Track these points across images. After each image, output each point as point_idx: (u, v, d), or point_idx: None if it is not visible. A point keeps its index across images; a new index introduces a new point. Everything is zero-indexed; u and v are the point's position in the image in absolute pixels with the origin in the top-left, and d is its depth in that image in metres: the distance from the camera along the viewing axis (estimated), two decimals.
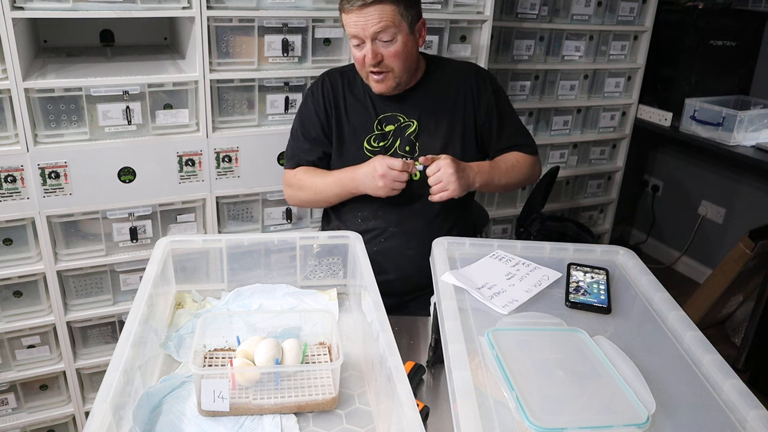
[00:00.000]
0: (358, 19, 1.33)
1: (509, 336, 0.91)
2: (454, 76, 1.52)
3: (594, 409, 0.79)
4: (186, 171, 1.77)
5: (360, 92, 1.52)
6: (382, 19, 1.32)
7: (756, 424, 0.76)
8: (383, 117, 1.50)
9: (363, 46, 1.37)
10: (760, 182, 2.83)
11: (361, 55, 1.38)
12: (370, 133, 1.50)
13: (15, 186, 1.58)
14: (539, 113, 2.58)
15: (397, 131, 1.49)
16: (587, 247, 1.19)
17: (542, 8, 2.37)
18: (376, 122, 1.50)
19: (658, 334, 0.96)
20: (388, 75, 1.40)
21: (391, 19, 1.33)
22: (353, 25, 1.34)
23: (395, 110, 1.50)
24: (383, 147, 1.50)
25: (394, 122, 1.50)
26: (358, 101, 1.52)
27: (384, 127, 1.50)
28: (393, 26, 1.33)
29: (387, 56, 1.37)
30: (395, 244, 1.51)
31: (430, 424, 1.00)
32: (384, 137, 1.49)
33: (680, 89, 2.74)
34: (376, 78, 1.41)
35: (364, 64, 1.39)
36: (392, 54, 1.37)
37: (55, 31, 1.88)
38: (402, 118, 1.49)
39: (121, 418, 0.83)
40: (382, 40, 1.35)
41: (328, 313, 1.12)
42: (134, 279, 1.81)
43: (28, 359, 1.78)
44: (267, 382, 0.97)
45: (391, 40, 1.35)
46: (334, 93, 1.52)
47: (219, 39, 1.71)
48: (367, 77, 1.43)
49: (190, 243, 1.23)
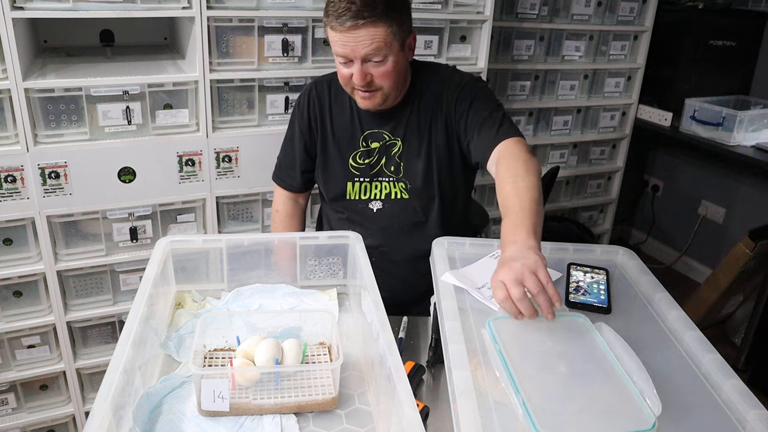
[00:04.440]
0: (347, 39, 1.24)
1: (510, 326, 0.90)
2: (436, 88, 1.42)
3: (599, 412, 0.78)
4: (186, 171, 1.77)
5: (346, 105, 1.45)
6: (373, 41, 1.24)
7: (756, 424, 0.76)
8: (369, 133, 1.44)
9: (350, 65, 1.29)
10: (760, 182, 2.83)
11: (348, 73, 1.30)
12: (356, 149, 1.45)
13: (15, 186, 1.58)
14: (539, 113, 2.58)
15: (383, 149, 1.44)
16: (587, 247, 1.19)
17: (542, 8, 2.37)
18: (362, 138, 1.44)
19: (658, 334, 0.96)
20: (376, 93, 1.33)
21: (383, 40, 1.24)
22: (341, 45, 1.26)
23: (381, 127, 1.43)
24: (369, 164, 1.45)
25: (379, 139, 1.43)
26: (344, 115, 1.45)
27: (369, 144, 1.44)
28: (384, 47, 1.25)
29: (377, 76, 1.29)
30: (386, 264, 1.47)
31: (430, 424, 1.00)
32: (369, 154, 1.44)
33: (680, 89, 2.74)
34: (362, 95, 1.34)
35: (349, 81, 1.32)
36: (382, 74, 1.29)
37: (55, 31, 1.88)
38: (387, 135, 1.43)
39: (121, 418, 0.83)
40: (373, 61, 1.27)
41: (328, 313, 1.12)
42: (134, 279, 1.81)
43: (28, 359, 1.78)
44: (267, 382, 0.97)
45: (382, 61, 1.27)
46: (320, 105, 1.47)
47: (219, 39, 1.71)
48: (353, 92, 1.36)
49: (190, 243, 1.23)
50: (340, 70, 1.33)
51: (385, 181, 1.46)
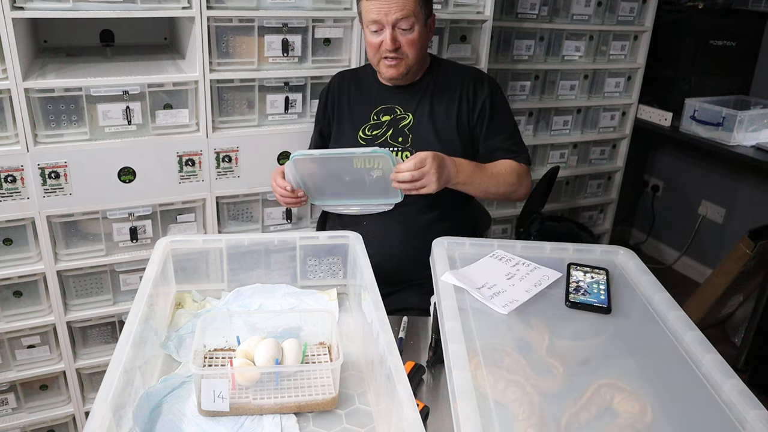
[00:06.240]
0: (381, 5, 1.39)
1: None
2: (455, 77, 1.55)
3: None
4: (186, 171, 1.77)
5: (364, 87, 1.59)
6: (405, 7, 1.39)
7: (756, 424, 0.76)
8: (381, 108, 1.55)
9: (381, 32, 1.42)
10: (760, 182, 2.83)
11: (379, 40, 1.43)
12: (366, 122, 1.55)
13: (15, 186, 1.58)
14: (539, 113, 2.58)
15: (392, 122, 1.54)
16: (587, 247, 1.19)
17: (542, 8, 2.37)
18: (374, 112, 1.55)
19: (658, 334, 0.96)
20: (401, 61, 1.45)
21: (412, 9, 1.40)
22: (375, 12, 1.40)
23: (394, 102, 1.55)
24: (375, 136, 1.54)
25: (390, 113, 1.55)
26: (361, 95, 1.59)
27: (380, 117, 1.55)
28: (413, 15, 1.40)
29: (404, 43, 1.43)
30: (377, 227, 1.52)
31: (430, 424, 1.00)
32: (378, 126, 1.54)
33: (680, 89, 2.74)
34: (389, 63, 1.45)
35: (378, 49, 1.44)
36: (409, 42, 1.43)
37: (55, 31, 1.89)
38: (399, 109, 1.54)
39: (121, 418, 0.83)
40: (402, 28, 1.41)
41: (328, 313, 1.12)
42: (134, 279, 1.81)
43: (28, 359, 1.78)
44: (267, 382, 0.98)
45: (410, 28, 1.41)
46: (339, 89, 1.62)
47: (219, 39, 1.71)
48: (379, 63, 1.48)
49: (190, 243, 1.23)
50: (370, 40, 1.46)
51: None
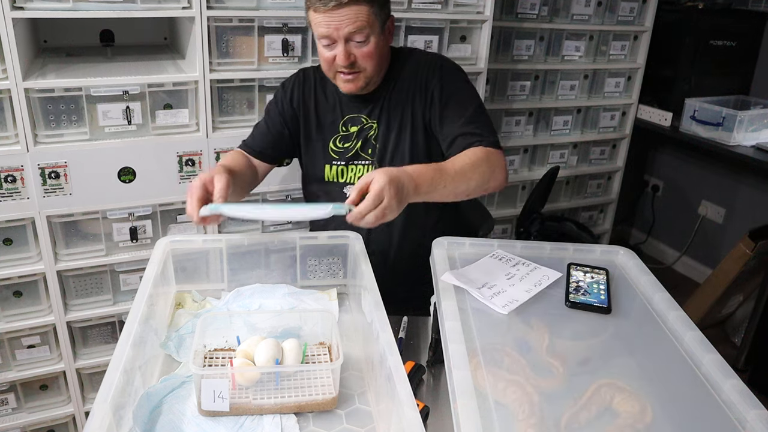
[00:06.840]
0: (331, 19, 1.26)
1: None
2: (412, 74, 1.44)
3: None
4: (186, 171, 1.77)
5: (330, 91, 1.48)
6: (357, 20, 1.26)
7: (756, 424, 0.76)
8: (348, 118, 1.46)
9: (333, 46, 1.30)
10: (760, 182, 2.83)
11: (332, 55, 1.31)
12: (336, 133, 1.47)
13: (15, 186, 1.58)
14: (539, 113, 2.58)
15: (360, 133, 1.46)
16: (587, 247, 1.19)
17: (542, 8, 2.37)
18: (342, 123, 1.47)
19: (658, 334, 0.96)
20: (359, 75, 1.34)
21: (365, 20, 1.27)
22: (324, 26, 1.27)
23: (360, 111, 1.46)
24: (347, 149, 1.47)
25: (357, 123, 1.46)
26: (328, 101, 1.48)
27: (349, 128, 1.47)
28: (367, 26, 1.27)
29: (360, 57, 1.31)
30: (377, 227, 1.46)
31: (430, 424, 1.00)
32: (348, 139, 1.47)
33: (680, 89, 2.74)
34: (346, 78, 1.35)
35: (332, 64, 1.33)
36: (365, 54, 1.31)
37: (55, 31, 1.89)
38: (365, 119, 1.46)
39: (121, 418, 0.83)
40: (356, 41, 1.29)
41: (328, 313, 1.12)
42: (134, 279, 1.81)
43: (28, 359, 1.78)
44: (267, 382, 0.97)
45: (364, 41, 1.29)
46: (305, 89, 1.49)
47: (219, 39, 1.71)
48: (335, 77, 1.37)
49: (190, 243, 1.23)
50: (322, 54, 1.34)
51: (361, 164, 1.47)
